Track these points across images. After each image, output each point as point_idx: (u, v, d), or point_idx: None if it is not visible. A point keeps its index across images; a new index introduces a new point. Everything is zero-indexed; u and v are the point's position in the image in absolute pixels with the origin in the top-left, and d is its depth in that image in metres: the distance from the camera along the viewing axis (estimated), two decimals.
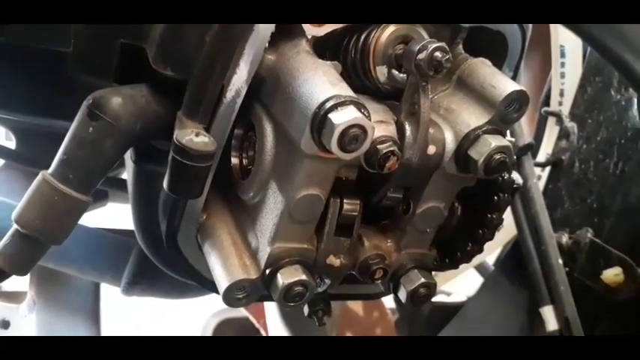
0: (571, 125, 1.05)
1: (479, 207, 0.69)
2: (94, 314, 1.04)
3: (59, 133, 0.85)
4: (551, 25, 1.05)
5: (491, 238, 0.70)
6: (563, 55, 1.07)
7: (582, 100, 1.05)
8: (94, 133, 0.56)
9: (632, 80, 0.58)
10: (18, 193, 0.98)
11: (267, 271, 0.61)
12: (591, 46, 0.55)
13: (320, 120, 0.51)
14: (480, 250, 0.72)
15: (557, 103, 1.09)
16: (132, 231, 0.93)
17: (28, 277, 1.03)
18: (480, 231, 0.70)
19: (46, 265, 0.85)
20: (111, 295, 1.13)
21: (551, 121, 1.12)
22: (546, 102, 1.19)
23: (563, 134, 1.05)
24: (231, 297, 0.62)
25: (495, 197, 0.68)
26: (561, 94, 1.07)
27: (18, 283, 1.04)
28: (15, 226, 0.57)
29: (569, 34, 0.69)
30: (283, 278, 0.60)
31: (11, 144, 1.04)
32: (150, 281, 0.89)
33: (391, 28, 0.61)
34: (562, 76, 1.07)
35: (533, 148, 1.05)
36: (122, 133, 0.57)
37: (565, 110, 1.08)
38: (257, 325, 1.71)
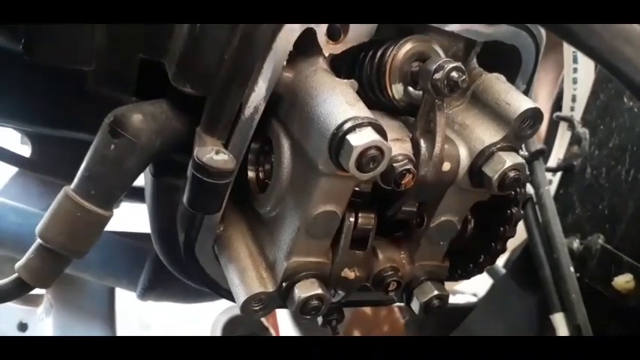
0: (583, 131, 1.05)
1: (492, 220, 0.70)
2: (109, 317, 1.06)
3: (74, 139, 0.86)
4: None
5: (503, 251, 0.71)
6: (575, 60, 1.07)
7: (594, 106, 1.05)
8: (115, 150, 0.57)
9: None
10: (33, 199, 1.00)
11: (284, 285, 0.62)
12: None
13: (338, 141, 0.52)
14: (493, 262, 0.73)
15: (569, 108, 1.09)
16: (147, 234, 0.95)
17: None
18: (493, 243, 0.70)
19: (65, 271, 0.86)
20: (120, 291, 1.15)
21: (562, 126, 1.12)
22: (557, 106, 1.19)
23: (575, 140, 1.06)
24: (248, 309, 0.64)
25: (508, 211, 0.69)
26: (573, 99, 1.07)
27: None
28: (39, 241, 0.58)
29: None
30: (300, 292, 0.61)
31: (26, 148, 1.06)
32: (165, 287, 0.91)
33: (408, 46, 0.61)
34: (574, 81, 1.07)
35: (544, 154, 1.06)
36: (143, 149, 0.58)
37: (577, 116, 1.08)
38: (266, 323, 1.73)
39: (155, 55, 0.62)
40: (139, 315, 1.63)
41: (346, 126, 0.52)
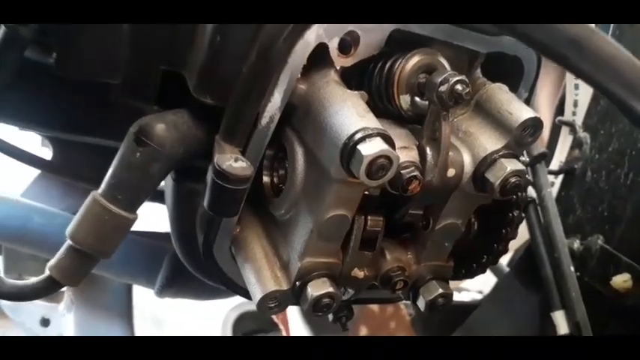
0: (584, 135, 1.08)
1: (494, 223, 0.74)
2: (127, 313, 1.11)
3: (94, 144, 0.90)
4: None
5: (505, 252, 0.75)
6: None
7: (595, 112, 1.08)
8: (141, 157, 0.61)
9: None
10: (55, 200, 1.04)
11: (297, 284, 0.66)
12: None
13: (349, 150, 0.56)
14: (495, 262, 0.77)
15: (570, 113, 1.12)
16: (164, 234, 0.99)
17: None
18: (495, 245, 0.74)
19: None
20: (135, 289, 1.19)
21: (564, 131, 1.15)
22: (560, 110, 1.22)
23: (576, 144, 1.09)
24: (264, 306, 0.68)
25: (510, 214, 0.72)
26: (575, 104, 1.11)
27: None
28: (69, 242, 0.63)
29: None
30: (312, 290, 0.65)
31: (46, 150, 1.10)
32: (182, 284, 0.95)
33: (415, 59, 0.65)
34: (576, 87, 1.10)
35: (546, 157, 1.09)
36: (167, 157, 0.62)
37: (578, 120, 1.11)
38: (276, 319, 1.77)
39: (176, 66, 0.66)
40: (152, 312, 1.68)
41: (357, 136, 0.56)
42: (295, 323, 1.52)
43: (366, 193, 0.66)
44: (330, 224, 0.63)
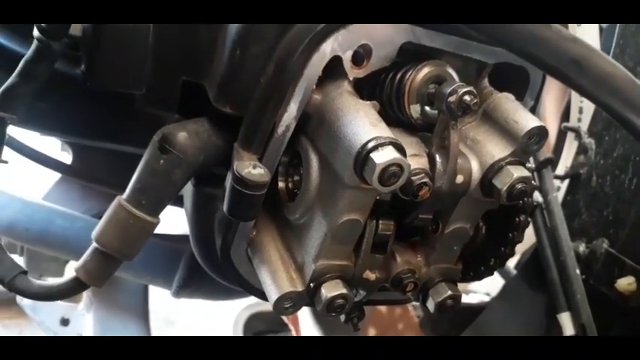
0: (589, 141, 1.10)
1: (501, 227, 0.76)
2: (144, 313, 1.14)
3: (113, 149, 0.94)
4: None
5: (512, 255, 0.78)
6: None
7: (600, 118, 1.10)
8: (164, 164, 0.64)
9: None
10: (75, 203, 1.08)
11: (312, 285, 0.69)
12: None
13: (363, 158, 0.59)
14: (502, 265, 0.79)
15: (576, 119, 1.14)
16: (181, 236, 1.02)
17: None
18: (503, 248, 0.77)
19: None
20: (152, 287, 1.22)
21: (570, 136, 1.17)
22: (566, 116, 1.25)
23: (582, 149, 1.11)
24: (280, 306, 0.70)
25: (516, 219, 0.75)
26: (580, 111, 1.13)
27: None
28: (95, 245, 0.66)
29: None
30: (326, 292, 0.68)
31: (65, 154, 1.14)
32: (198, 285, 0.98)
33: (425, 70, 0.68)
34: None
35: (553, 163, 1.11)
36: (189, 164, 0.65)
37: (584, 126, 1.13)
38: (286, 319, 1.80)
39: (197, 77, 0.69)
40: (165, 313, 1.71)
41: (370, 145, 0.59)
42: (306, 323, 1.55)
43: (378, 198, 0.69)
44: (343, 228, 0.66)
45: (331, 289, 0.68)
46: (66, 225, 0.96)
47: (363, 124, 0.61)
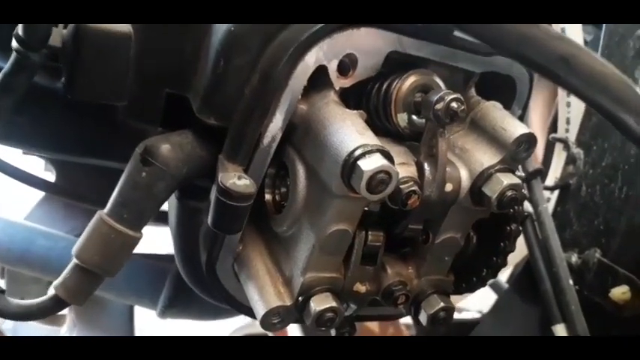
0: (577, 151, 1.10)
1: (493, 236, 0.75)
2: (130, 335, 1.11)
3: (97, 167, 0.92)
4: None
5: (504, 265, 0.76)
6: None
7: (587, 128, 1.10)
8: (146, 177, 0.63)
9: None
10: (58, 223, 1.05)
11: (300, 299, 0.67)
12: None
13: (350, 166, 0.58)
14: (495, 276, 0.78)
15: (564, 130, 1.14)
16: (166, 256, 1.00)
17: None
18: (494, 258, 0.76)
19: None
20: (137, 308, 1.19)
21: (558, 147, 1.17)
22: (553, 127, 1.25)
23: (570, 160, 1.11)
24: (267, 322, 0.68)
25: (507, 227, 0.74)
26: (567, 121, 1.13)
27: None
28: (75, 261, 0.64)
29: None
30: (315, 305, 0.66)
31: (49, 175, 1.12)
32: (184, 305, 0.96)
33: (411, 79, 0.67)
34: (568, 105, 1.13)
35: (542, 174, 1.11)
36: (172, 176, 0.64)
37: (571, 137, 1.13)
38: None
39: (180, 89, 0.68)
40: (156, 331, 1.67)
41: (357, 152, 0.57)
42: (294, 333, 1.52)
43: (366, 209, 0.67)
44: (331, 239, 0.65)
45: (320, 303, 0.66)
46: (48, 245, 0.93)
47: (349, 132, 0.60)
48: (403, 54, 0.68)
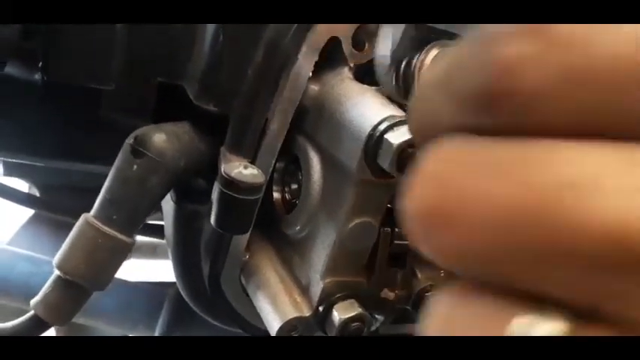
0: None
1: None
2: None
3: (81, 187, 0.84)
4: None
5: None
6: None
7: None
8: (138, 170, 0.54)
9: None
10: (45, 247, 0.96)
11: (321, 308, 0.58)
12: None
13: (375, 141, 0.50)
14: None
15: None
16: (163, 282, 0.91)
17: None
18: None
19: (76, 320, 0.81)
20: None
21: None
22: None
23: None
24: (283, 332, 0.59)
25: None
26: None
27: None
28: (57, 273, 0.54)
29: None
30: (339, 314, 0.57)
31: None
32: (185, 330, 0.85)
33: (434, 52, 0.60)
34: None
35: None
36: (167, 169, 0.55)
37: None
38: None
39: (174, 78, 0.61)
40: None
41: (383, 125, 0.50)
42: None
43: (389, 206, 0.59)
44: (354, 233, 0.56)
45: (345, 311, 0.57)
46: (30, 270, 0.84)
47: (371, 104, 0.53)
48: (422, 27, 0.61)
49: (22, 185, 1.04)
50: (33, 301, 0.55)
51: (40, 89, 0.60)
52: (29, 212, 0.99)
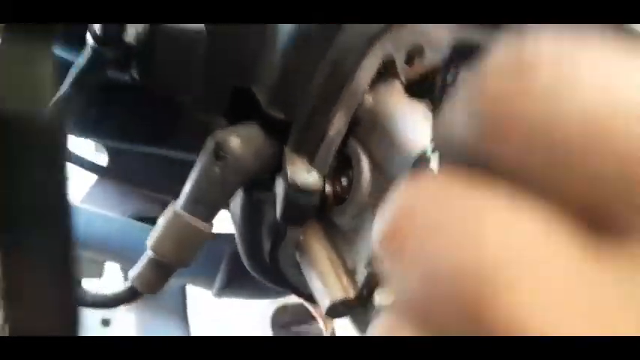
0: None
1: None
2: (183, 312, 1.15)
3: (148, 153, 0.94)
4: None
5: None
6: None
7: None
8: (219, 170, 0.64)
9: None
10: (113, 205, 1.08)
11: (364, 292, 0.68)
12: None
13: (423, 160, 0.58)
14: None
15: None
16: (222, 235, 1.02)
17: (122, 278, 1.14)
18: None
19: None
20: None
21: None
22: None
23: None
24: (333, 312, 0.70)
25: None
26: None
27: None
28: (151, 255, 0.66)
29: None
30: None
31: (99, 154, 1.14)
32: (239, 285, 0.98)
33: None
34: None
35: None
36: (244, 170, 0.65)
37: None
38: (314, 312, 1.80)
39: (246, 82, 0.69)
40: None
41: (430, 147, 0.58)
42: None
43: None
44: None
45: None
46: (104, 227, 0.96)
47: (421, 123, 0.60)
48: (469, 41, 0.67)
49: (89, 145, 1.14)
50: (131, 276, 0.67)
51: (130, 87, 0.69)
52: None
